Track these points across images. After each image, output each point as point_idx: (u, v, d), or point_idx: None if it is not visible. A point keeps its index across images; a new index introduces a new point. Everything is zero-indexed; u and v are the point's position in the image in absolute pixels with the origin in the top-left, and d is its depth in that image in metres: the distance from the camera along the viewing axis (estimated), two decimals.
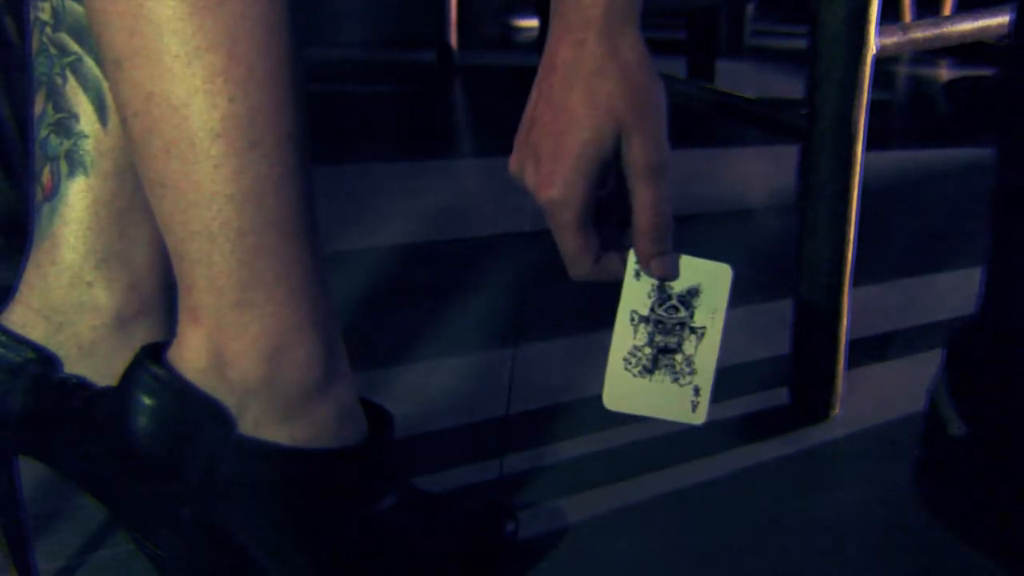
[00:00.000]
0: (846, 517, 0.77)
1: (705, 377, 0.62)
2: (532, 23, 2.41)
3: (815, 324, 0.85)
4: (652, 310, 0.62)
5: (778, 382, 0.93)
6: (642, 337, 0.63)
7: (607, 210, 0.60)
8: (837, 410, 0.88)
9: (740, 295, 1.11)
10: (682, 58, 1.78)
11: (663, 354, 0.63)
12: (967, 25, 0.88)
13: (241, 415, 0.57)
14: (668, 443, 0.86)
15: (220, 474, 0.57)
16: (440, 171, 1.56)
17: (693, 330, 0.63)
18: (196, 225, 0.55)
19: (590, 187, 0.57)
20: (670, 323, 0.63)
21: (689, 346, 0.63)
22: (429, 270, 1.20)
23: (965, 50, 1.00)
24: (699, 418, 0.63)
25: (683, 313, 0.62)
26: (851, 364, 0.91)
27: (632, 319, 0.63)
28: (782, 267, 1.14)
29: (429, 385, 0.95)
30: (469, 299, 1.12)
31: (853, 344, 0.90)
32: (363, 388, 0.90)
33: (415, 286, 1.16)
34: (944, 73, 1.98)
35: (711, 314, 0.62)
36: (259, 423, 0.58)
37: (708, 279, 0.62)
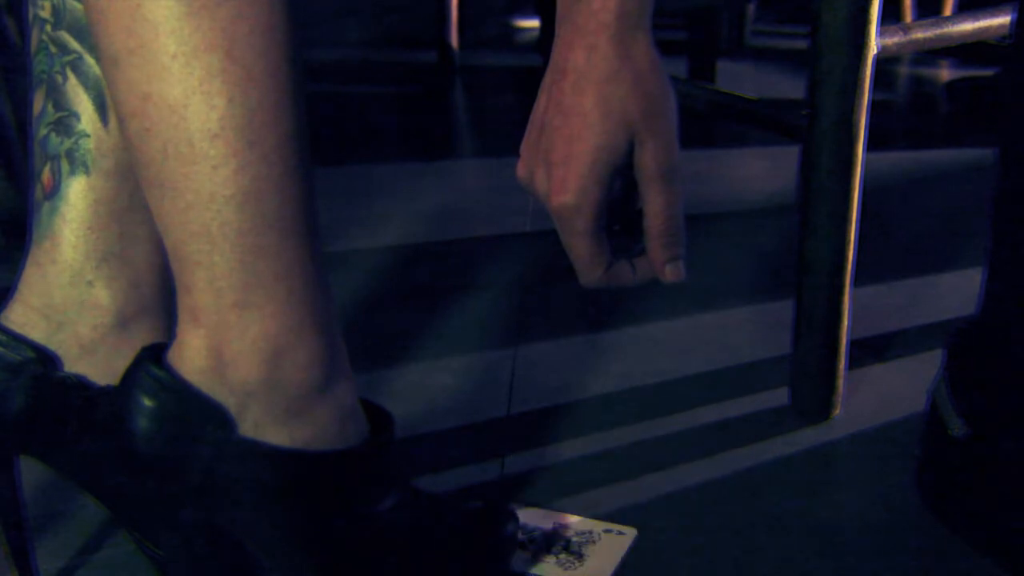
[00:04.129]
0: (846, 517, 0.77)
1: None
2: (533, 23, 2.41)
3: (815, 324, 0.85)
4: None
5: (778, 382, 0.93)
6: None
7: (613, 215, 0.60)
8: (837, 410, 0.88)
9: (740, 295, 1.12)
10: (683, 58, 1.78)
11: None
12: (968, 25, 0.88)
13: (241, 416, 0.57)
14: (668, 443, 0.86)
15: (220, 476, 0.57)
16: (440, 171, 1.56)
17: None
18: (195, 226, 0.55)
19: (603, 193, 0.57)
20: None
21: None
22: (429, 270, 1.20)
23: (965, 50, 1.00)
24: None
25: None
26: (851, 364, 0.91)
27: None
28: (782, 267, 1.14)
29: (429, 385, 0.95)
30: (469, 299, 1.12)
31: (853, 344, 0.90)
32: (363, 388, 0.90)
33: (415, 286, 1.16)
34: (945, 73, 1.98)
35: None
36: (259, 424, 0.58)
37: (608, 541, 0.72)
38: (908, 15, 1.94)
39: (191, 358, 0.57)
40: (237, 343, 0.57)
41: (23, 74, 0.66)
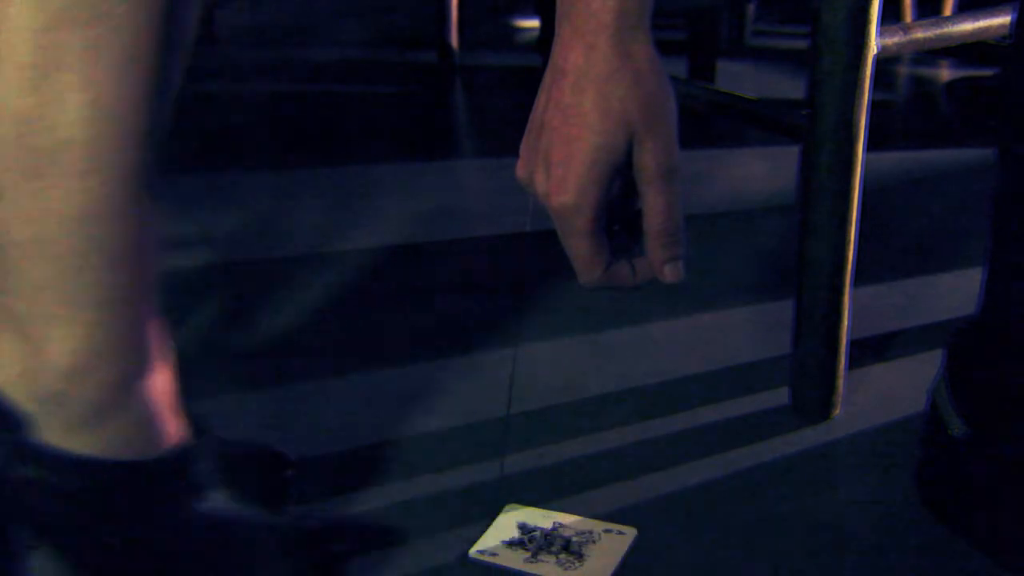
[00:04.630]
0: (846, 517, 0.77)
1: None
2: (533, 23, 2.41)
3: (815, 324, 0.85)
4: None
5: (778, 382, 0.93)
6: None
7: (613, 215, 0.60)
8: (837, 410, 0.88)
9: (740, 295, 1.12)
10: (683, 58, 1.78)
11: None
12: (968, 25, 0.88)
13: (46, 423, 0.58)
14: (668, 443, 0.86)
15: (15, 479, 0.58)
16: (440, 171, 1.56)
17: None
18: (24, 236, 0.55)
19: (602, 192, 0.57)
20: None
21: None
22: (429, 270, 1.20)
23: (965, 50, 1.00)
24: None
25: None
26: (851, 364, 0.91)
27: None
28: (782, 267, 1.14)
29: (429, 385, 0.95)
30: (469, 299, 1.12)
31: (853, 344, 0.90)
32: (363, 388, 0.91)
33: (415, 286, 1.16)
34: (945, 73, 1.98)
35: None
36: (61, 432, 0.59)
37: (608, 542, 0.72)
38: (908, 15, 1.94)
39: (2, 362, 0.58)
40: (44, 353, 0.57)
41: None
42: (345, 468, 0.83)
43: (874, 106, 0.82)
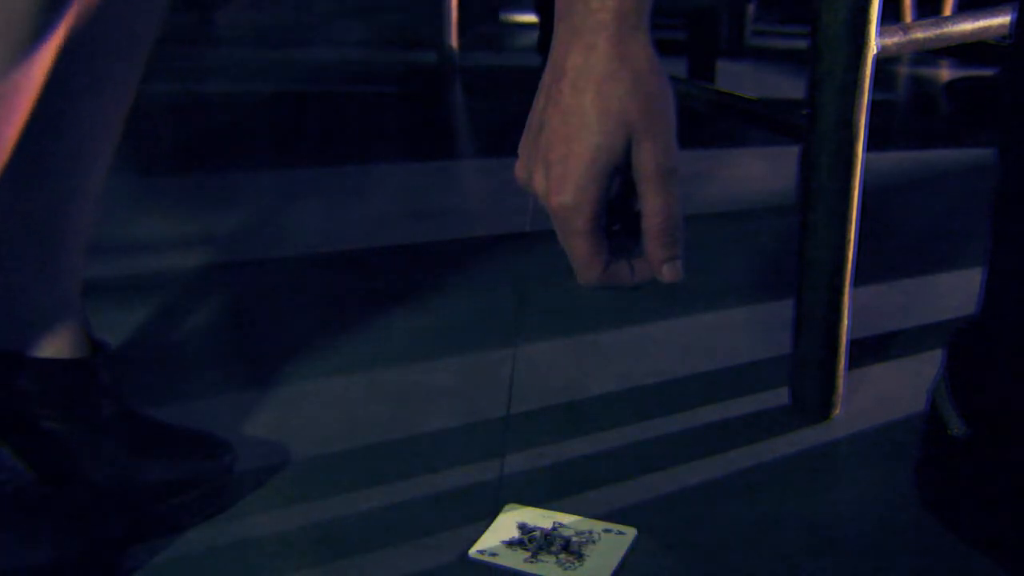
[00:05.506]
0: (846, 517, 0.77)
1: None
2: (528, 18, 2.41)
3: (815, 324, 0.85)
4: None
5: (778, 382, 0.93)
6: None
7: (612, 215, 0.60)
8: (837, 410, 0.88)
9: (740, 295, 1.12)
10: (683, 58, 1.78)
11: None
12: (968, 25, 0.88)
13: None
14: (668, 443, 0.86)
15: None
16: (440, 171, 1.56)
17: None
18: None
19: (601, 192, 0.57)
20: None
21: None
22: (429, 270, 1.20)
23: (965, 50, 1.00)
24: None
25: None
26: (851, 364, 0.91)
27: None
28: (782, 267, 1.14)
29: (429, 385, 0.95)
30: (469, 299, 1.12)
31: (853, 344, 0.90)
32: (364, 388, 0.91)
33: (415, 286, 1.16)
34: (945, 73, 1.98)
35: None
36: None
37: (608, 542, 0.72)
38: (908, 15, 1.94)
39: None
40: None
41: None
42: (345, 468, 0.83)
43: (874, 106, 0.82)
